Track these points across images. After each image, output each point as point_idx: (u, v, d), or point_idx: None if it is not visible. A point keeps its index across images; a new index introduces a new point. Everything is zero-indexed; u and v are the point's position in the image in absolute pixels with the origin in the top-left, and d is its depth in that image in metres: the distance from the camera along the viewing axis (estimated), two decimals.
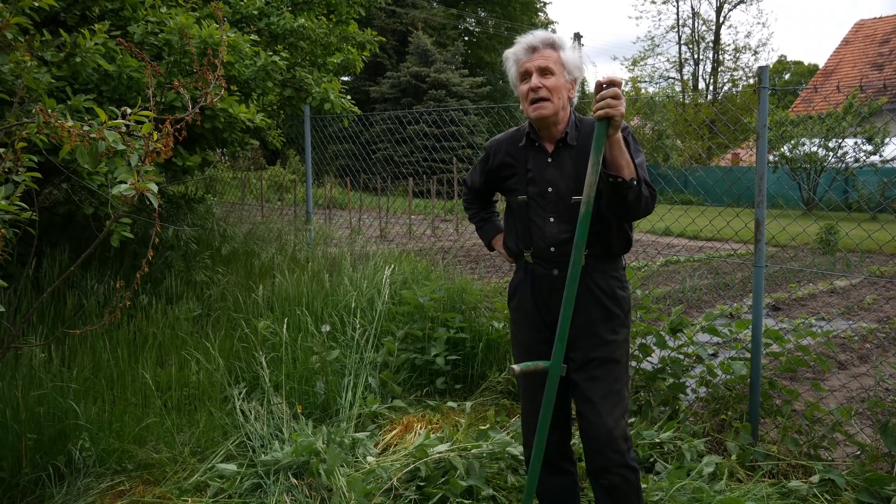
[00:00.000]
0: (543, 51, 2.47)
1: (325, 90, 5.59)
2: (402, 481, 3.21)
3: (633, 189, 2.28)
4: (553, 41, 2.49)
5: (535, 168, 2.57)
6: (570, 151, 2.53)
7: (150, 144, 2.18)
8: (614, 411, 2.47)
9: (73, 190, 4.81)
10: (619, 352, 2.52)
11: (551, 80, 2.46)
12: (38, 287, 4.54)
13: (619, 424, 2.47)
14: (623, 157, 2.26)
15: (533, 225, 2.56)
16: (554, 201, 2.52)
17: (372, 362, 4.33)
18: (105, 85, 4.05)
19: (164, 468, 3.35)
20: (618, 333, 2.52)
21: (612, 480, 2.48)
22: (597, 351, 2.48)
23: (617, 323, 2.52)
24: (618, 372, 2.51)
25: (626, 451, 2.48)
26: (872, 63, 28.19)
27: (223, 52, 2.87)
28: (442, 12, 36.34)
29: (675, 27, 41.22)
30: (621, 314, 2.53)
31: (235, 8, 5.30)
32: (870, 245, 10.58)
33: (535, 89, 2.44)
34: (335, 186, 16.90)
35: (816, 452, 3.55)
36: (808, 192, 18.35)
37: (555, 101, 2.46)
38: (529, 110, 2.49)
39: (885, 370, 5.39)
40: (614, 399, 2.48)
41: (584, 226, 2.25)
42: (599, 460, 2.49)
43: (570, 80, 2.51)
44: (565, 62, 2.48)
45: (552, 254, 2.52)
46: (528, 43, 2.50)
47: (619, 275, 2.57)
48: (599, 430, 2.46)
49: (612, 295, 2.51)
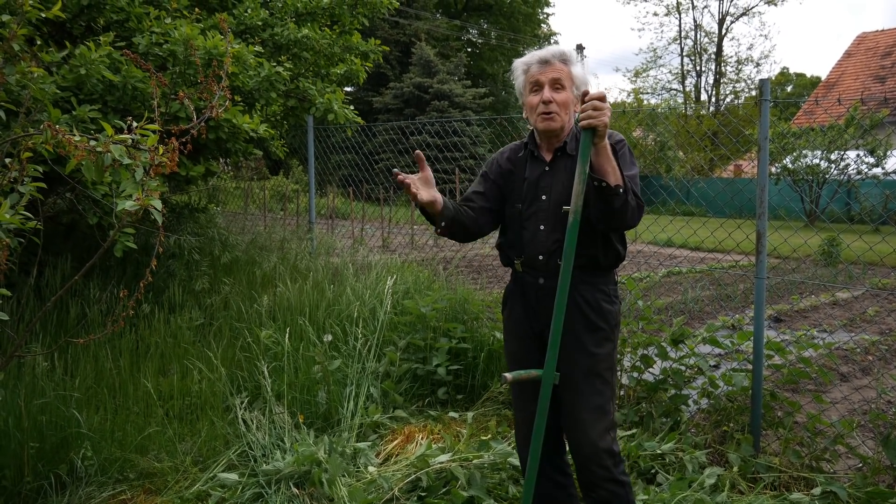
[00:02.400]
0: (556, 64, 2.49)
1: (329, 101, 5.62)
2: (404, 491, 3.21)
3: (619, 196, 2.29)
4: (565, 56, 2.52)
5: (532, 176, 2.59)
6: (567, 161, 2.55)
7: (154, 158, 2.20)
8: (597, 426, 2.47)
9: (76, 199, 4.83)
10: (602, 365, 2.51)
11: (562, 94, 2.49)
12: (40, 296, 4.55)
13: (604, 439, 2.47)
14: (609, 164, 2.28)
15: (524, 233, 2.59)
16: (546, 209, 2.54)
17: (374, 372, 4.33)
18: (110, 95, 4.07)
19: (165, 477, 3.36)
20: (602, 347, 2.52)
21: (600, 495, 2.50)
22: (580, 364, 2.48)
23: (601, 336, 2.52)
24: (600, 386, 2.51)
25: (611, 465, 2.48)
26: (874, 75, 28.24)
27: (228, 62, 2.89)
28: (445, 23, 36.50)
29: (678, 39, 41.30)
30: (606, 328, 2.53)
31: (240, 19, 5.34)
32: (872, 257, 10.58)
33: (546, 102, 2.47)
34: (338, 196, 16.92)
35: (818, 465, 3.54)
36: (809, 204, 18.36)
37: (563, 115, 2.50)
38: (538, 121, 2.51)
39: (887, 382, 5.38)
40: (598, 414, 2.48)
41: (572, 234, 2.28)
42: (586, 475, 2.52)
43: (577, 95, 2.53)
44: (575, 77, 2.52)
45: (540, 262, 2.54)
46: (540, 56, 2.52)
47: (607, 288, 2.57)
48: (584, 445, 2.49)
49: (598, 308, 2.51)
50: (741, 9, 42.95)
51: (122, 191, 2.16)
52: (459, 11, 38.64)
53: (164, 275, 5.48)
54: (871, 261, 11.79)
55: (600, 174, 2.29)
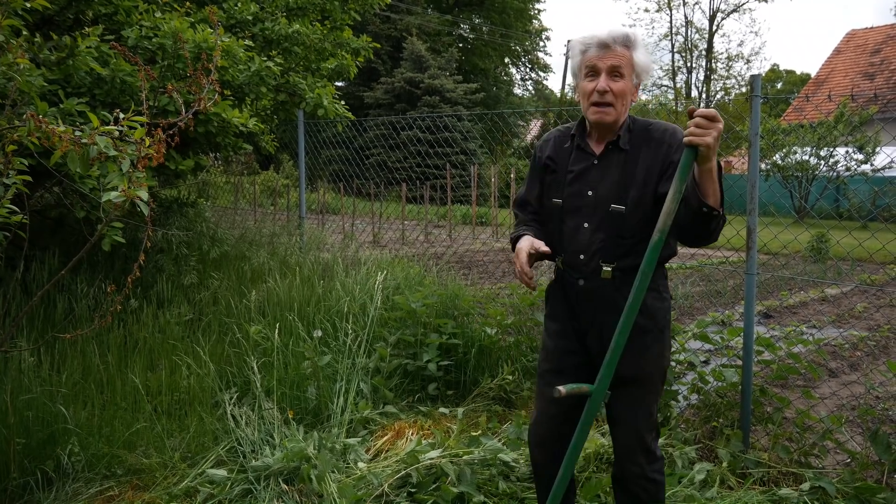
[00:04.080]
0: (616, 49, 2.28)
1: (319, 96, 5.59)
2: (393, 487, 3.20)
3: (717, 217, 2.13)
4: (628, 39, 2.30)
5: (577, 170, 2.41)
6: (619, 156, 2.37)
7: (141, 150, 2.18)
8: (639, 426, 2.41)
9: (64, 193, 4.79)
10: (649, 367, 2.39)
11: (619, 83, 2.29)
12: (27, 291, 4.51)
13: (643, 439, 2.42)
14: (711, 186, 2.09)
15: (565, 228, 2.42)
16: (591, 206, 2.37)
17: (364, 368, 4.32)
18: (98, 89, 4.03)
19: (153, 473, 3.33)
20: (650, 349, 2.38)
21: (630, 489, 2.47)
22: (627, 368, 2.27)
23: (651, 338, 2.37)
24: (647, 387, 2.41)
25: (645, 463, 2.43)
26: (864, 72, 28.39)
27: (217, 56, 2.87)
28: (436, 19, 36.43)
29: (669, 35, 41.45)
30: (655, 329, 2.38)
31: (230, 13, 5.30)
32: (861, 253, 10.64)
33: (601, 92, 2.28)
34: (328, 191, 16.88)
35: (807, 460, 3.56)
36: (799, 201, 18.44)
37: (618, 107, 2.31)
38: (590, 112, 2.33)
39: (876, 378, 5.41)
40: (640, 414, 2.41)
41: (653, 253, 2.05)
42: (619, 470, 2.50)
43: (635, 84, 2.36)
44: (636, 64, 2.32)
45: (580, 262, 2.37)
46: (601, 38, 2.29)
47: (655, 285, 2.37)
48: (621, 442, 2.45)
49: (644, 309, 2.27)
50: (732, 5, 43.10)
51: (108, 182, 2.14)
52: (451, 6, 38.57)
53: (153, 270, 5.45)
54: (859, 257, 11.84)
55: (703, 195, 2.09)
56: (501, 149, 26.31)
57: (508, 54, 41.00)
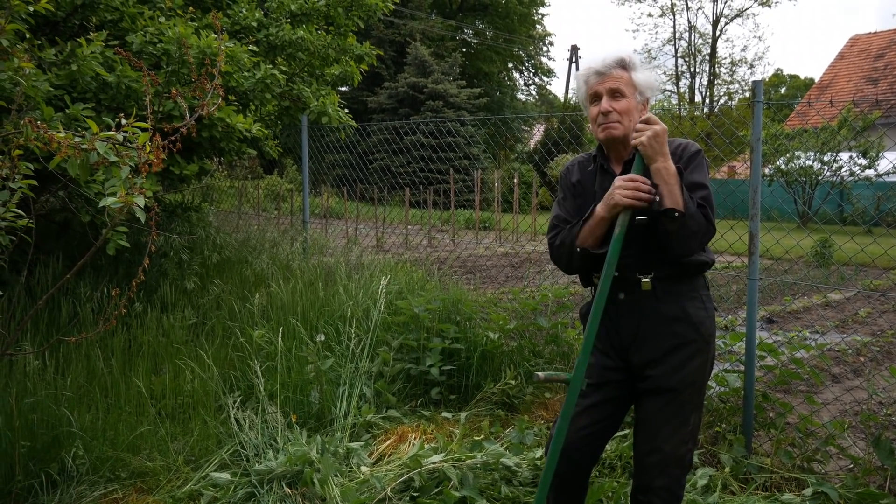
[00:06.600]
0: (613, 73, 2.38)
1: (323, 103, 5.61)
2: (396, 491, 3.21)
3: (675, 220, 2.20)
4: (623, 61, 2.40)
5: (602, 190, 2.43)
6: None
7: (143, 156, 2.19)
8: (675, 437, 2.39)
9: (69, 198, 4.81)
10: (691, 377, 2.38)
11: (622, 102, 2.38)
12: (31, 295, 4.53)
13: (678, 450, 2.39)
14: (664, 186, 2.20)
15: None
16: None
17: (367, 372, 4.33)
18: (103, 94, 4.06)
19: (157, 476, 3.35)
20: (693, 360, 2.38)
21: (651, 500, 2.42)
22: (667, 380, 2.35)
23: (694, 349, 2.37)
24: (687, 397, 2.39)
25: (680, 476, 2.42)
26: (867, 77, 28.37)
27: (221, 61, 2.88)
28: (440, 23, 36.50)
29: (672, 40, 41.37)
30: (699, 339, 2.38)
31: (234, 19, 5.32)
32: (864, 258, 10.62)
33: (605, 113, 2.38)
34: (332, 196, 16.90)
35: (809, 465, 3.56)
36: (802, 206, 18.42)
37: (625, 122, 2.38)
38: (598, 131, 2.42)
39: (879, 383, 5.40)
40: (678, 425, 2.39)
41: (616, 244, 2.24)
42: (647, 480, 2.44)
43: (641, 101, 2.43)
44: (637, 83, 2.40)
45: (616, 277, 2.37)
46: (595, 67, 2.42)
47: (697, 294, 2.42)
48: (653, 454, 2.41)
49: (687, 319, 2.36)
50: (735, 10, 42.97)
51: (109, 188, 2.15)
52: (454, 11, 38.66)
53: (157, 274, 5.47)
54: (863, 262, 11.82)
55: (659, 195, 2.20)
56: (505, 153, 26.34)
57: (512, 59, 41.06)
